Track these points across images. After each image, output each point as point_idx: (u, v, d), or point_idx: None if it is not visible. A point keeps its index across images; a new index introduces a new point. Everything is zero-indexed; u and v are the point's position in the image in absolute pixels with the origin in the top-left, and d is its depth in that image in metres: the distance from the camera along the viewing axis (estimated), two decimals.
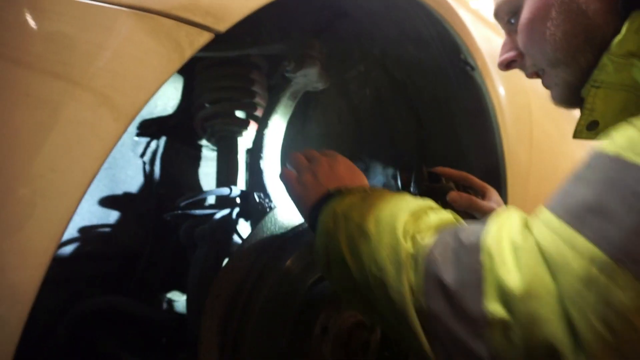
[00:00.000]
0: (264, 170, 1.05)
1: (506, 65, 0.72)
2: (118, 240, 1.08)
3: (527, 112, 1.33)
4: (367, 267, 0.54)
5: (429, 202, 0.60)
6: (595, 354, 0.35)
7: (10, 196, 0.34)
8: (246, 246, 0.81)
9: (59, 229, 0.36)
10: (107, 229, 1.09)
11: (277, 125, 1.07)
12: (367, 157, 1.38)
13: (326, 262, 0.63)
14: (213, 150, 1.28)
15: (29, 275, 0.35)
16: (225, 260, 1.05)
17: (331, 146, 1.37)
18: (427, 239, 0.49)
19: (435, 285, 0.45)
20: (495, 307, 0.40)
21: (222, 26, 0.47)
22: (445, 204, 0.85)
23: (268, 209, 0.97)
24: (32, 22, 0.35)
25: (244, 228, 1.02)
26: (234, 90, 1.12)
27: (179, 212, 1.06)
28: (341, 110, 1.35)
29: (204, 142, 1.27)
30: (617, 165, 0.38)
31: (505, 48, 0.71)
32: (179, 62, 0.44)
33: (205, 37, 0.46)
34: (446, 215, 0.56)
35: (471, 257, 0.44)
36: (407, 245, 0.50)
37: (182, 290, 1.22)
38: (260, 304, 0.76)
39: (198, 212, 1.07)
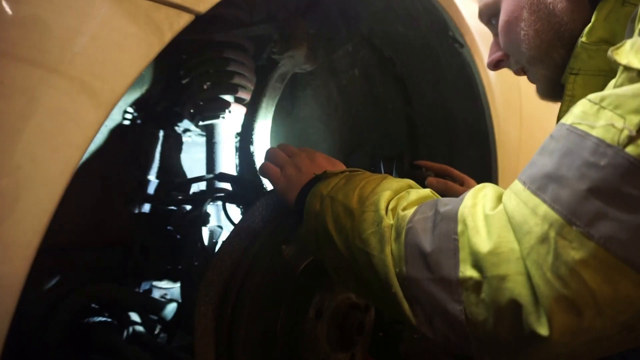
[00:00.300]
0: (254, 154, 1.04)
1: (494, 65, 0.76)
2: (108, 230, 1.07)
3: (516, 90, 1.33)
4: (352, 241, 0.58)
5: (409, 181, 0.64)
6: (551, 307, 0.38)
7: None
8: (238, 232, 0.81)
9: (43, 220, 0.35)
10: (96, 218, 1.09)
11: (266, 108, 1.05)
12: (356, 137, 1.37)
13: (315, 242, 0.66)
14: (202, 135, 1.26)
15: (14, 267, 0.35)
16: (218, 246, 1.06)
17: (321, 127, 1.36)
18: (408, 211, 0.53)
19: (415, 253, 0.49)
20: (469, 271, 0.44)
21: (203, 7, 0.45)
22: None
23: (259, 194, 0.96)
24: (5, 8, 0.34)
25: (235, 213, 1.01)
26: (221, 74, 1.10)
27: (170, 199, 1.06)
28: (330, 90, 1.34)
29: (192, 127, 1.26)
30: (573, 136, 0.41)
31: (492, 49, 0.76)
32: (159, 46, 0.42)
33: (185, 19, 0.44)
34: (425, 192, 0.59)
35: (448, 226, 0.47)
36: (388, 218, 0.54)
37: (175, 278, 1.22)
38: (254, 290, 0.76)
39: (188, 198, 1.07)
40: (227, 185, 1.06)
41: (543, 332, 0.39)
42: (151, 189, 1.13)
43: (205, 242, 1.02)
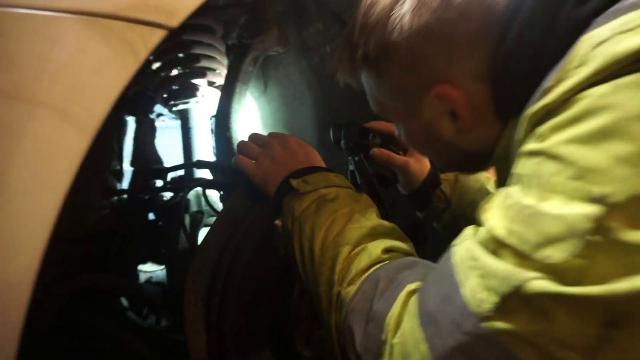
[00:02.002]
0: (230, 139, 1.05)
1: None
2: (88, 221, 1.08)
3: None
4: (311, 281, 0.65)
5: (374, 223, 0.66)
6: None
7: None
8: (221, 221, 0.83)
9: (39, 253, 0.37)
10: (75, 210, 1.09)
11: (240, 91, 1.06)
12: (331, 113, 1.38)
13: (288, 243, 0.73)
14: (176, 119, 1.26)
15: (17, 296, 0.37)
16: (200, 232, 1.08)
17: (294, 105, 1.37)
18: (352, 287, 0.57)
19: (349, 338, 0.54)
20: None
21: (175, 21, 0.46)
22: (368, 158, 0.94)
23: (238, 180, 0.98)
24: None
25: (215, 199, 1.03)
26: (190, 58, 1.08)
27: (149, 187, 1.06)
28: (303, 68, 1.33)
29: (165, 111, 1.25)
30: (451, 280, 0.44)
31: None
32: (135, 65, 0.43)
33: (158, 35, 0.45)
34: (377, 253, 0.60)
35: (375, 329, 0.51)
36: (338, 285, 0.59)
37: (158, 261, 1.24)
38: (240, 276, 0.79)
39: (168, 186, 1.08)
40: (206, 172, 1.07)
41: None
42: (129, 178, 1.13)
43: (187, 228, 1.04)
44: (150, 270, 1.34)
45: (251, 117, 1.37)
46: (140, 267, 1.25)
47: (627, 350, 0.35)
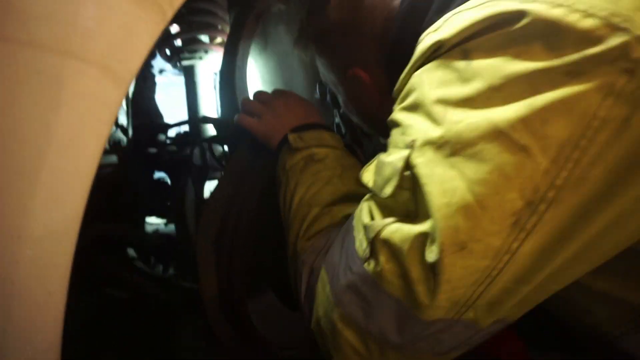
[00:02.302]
0: (234, 95, 1.08)
1: None
2: (98, 174, 1.12)
3: None
4: (286, 231, 0.72)
5: (344, 193, 0.72)
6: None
7: (42, 162, 0.40)
8: (228, 174, 0.88)
9: (85, 192, 0.42)
10: None
11: (243, 48, 1.08)
12: None
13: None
14: (180, 75, 1.28)
15: (70, 217, 0.42)
16: (207, 185, 1.13)
17: (294, 62, 1.39)
18: (308, 243, 0.66)
19: (299, 283, 0.64)
20: (315, 317, 0.57)
21: None
22: None
23: (241, 135, 1.02)
24: (30, 2, 0.38)
25: (223, 153, 1.07)
26: (195, 14, 1.10)
27: (156, 142, 1.10)
28: (302, 24, 1.35)
29: (167, 67, 1.27)
30: (349, 236, 0.54)
31: None
32: (163, 24, 0.46)
33: None
34: (337, 217, 0.68)
35: (313, 281, 0.60)
36: (299, 243, 0.67)
37: (164, 214, 1.30)
38: (248, 223, 0.85)
39: (174, 141, 1.11)
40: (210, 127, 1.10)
41: None
42: (134, 132, 1.16)
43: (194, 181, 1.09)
44: (156, 222, 1.40)
45: (252, 74, 1.39)
46: (148, 219, 1.31)
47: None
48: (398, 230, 0.45)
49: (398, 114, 0.50)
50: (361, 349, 0.50)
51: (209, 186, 1.11)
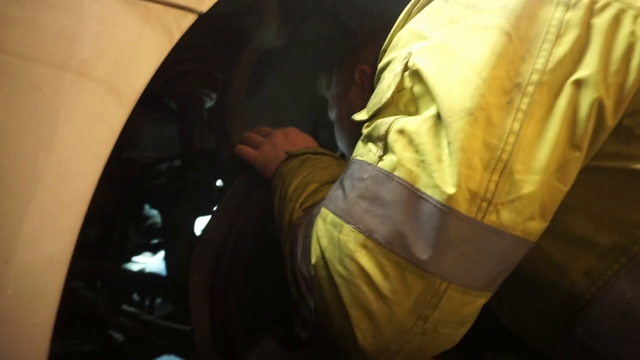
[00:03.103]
0: (229, 129, 1.08)
1: None
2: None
3: None
4: (279, 222, 0.71)
5: (339, 175, 0.73)
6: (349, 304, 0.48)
7: (37, 183, 0.38)
8: (225, 205, 0.86)
9: (83, 208, 0.40)
10: None
11: (239, 83, 1.08)
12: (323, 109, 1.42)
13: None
14: (174, 110, 1.27)
15: (62, 246, 0.39)
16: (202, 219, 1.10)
17: (289, 100, 1.40)
18: (305, 211, 0.65)
19: (293, 246, 0.62)
20: (316, 254, 0.54)
21: (204, 7, 0.49)
22: None
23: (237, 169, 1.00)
24: (35, 16, 0.37)
25: (218, 186, 1.06)
26: (194, 50, 1.11)
27: (149, 176, 1.08)
28: (297, 66, 1.37)
29: (162, 101, 1.26)
30: (351, 165, 0.56)
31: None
32: (169, 45, 0.46)
33: (190, 19, 0.48)
34: (325, 194, 0.67)
35: (310, 230, 0.59)
36: (295, 215, 0.66)
37: (152, 251, 1.26)
38: (244, 258, 0.82)
39: (167, 175, 1.10)
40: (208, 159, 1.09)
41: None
42: (128, 166, 1.15)
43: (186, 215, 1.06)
44: (143, 260, 1.35)
45: (247, 110, 1.39)
46: (134, 257, 1.27)
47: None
48: (409, 121, 0.48)
49: (387, 58, 0.57)
50: (377, 278, 0.46)
51: (202, 221, 1.08)
